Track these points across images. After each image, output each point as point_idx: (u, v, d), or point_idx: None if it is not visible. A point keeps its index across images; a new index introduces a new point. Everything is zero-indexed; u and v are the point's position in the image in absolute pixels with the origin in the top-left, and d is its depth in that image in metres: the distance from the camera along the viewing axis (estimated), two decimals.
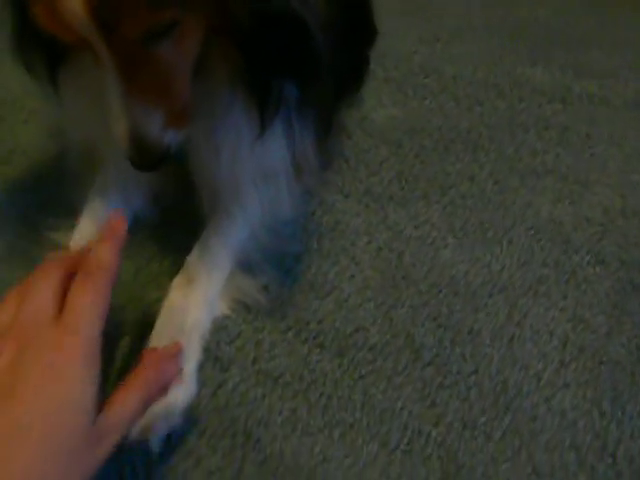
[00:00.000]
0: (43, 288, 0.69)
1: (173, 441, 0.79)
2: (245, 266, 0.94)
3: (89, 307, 0.68)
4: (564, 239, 1.04)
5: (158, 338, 0.84)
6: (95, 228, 0.94)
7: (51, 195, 1.04)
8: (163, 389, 0.77)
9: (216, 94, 0.83)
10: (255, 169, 0.91)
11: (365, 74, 1.18)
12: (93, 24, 0.63)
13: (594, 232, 1.05)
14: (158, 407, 0.77)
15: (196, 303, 0.88)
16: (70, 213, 0.98)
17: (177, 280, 0.90)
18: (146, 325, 0.87)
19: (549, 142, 1.17)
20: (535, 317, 0.95)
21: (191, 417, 0.81)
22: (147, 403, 0.74)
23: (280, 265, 0.97)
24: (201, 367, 0.86)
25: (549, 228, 1.05)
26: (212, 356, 0.88)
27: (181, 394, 0.81)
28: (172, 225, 1.00)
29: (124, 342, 0.87)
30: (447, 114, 1.21)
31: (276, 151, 0.89)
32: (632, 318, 0.94)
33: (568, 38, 1.41)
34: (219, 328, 0.91)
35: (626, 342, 0.93)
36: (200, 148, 0.88)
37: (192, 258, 0.92)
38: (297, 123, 0.87)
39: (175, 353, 0.82)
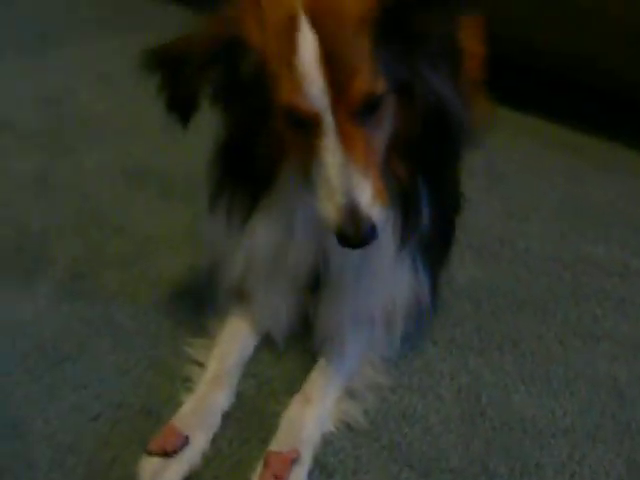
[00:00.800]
0: None
1: None
2: (350, 393, 1.15)
3: None
4: (619, 393, 1.21)
5: (278, 444, 1.05)
6: (234, 353, 1.18)
7: (190, 317, 1.29)
8: None
9: None
10: (377, 300, 1.13)
11: (453, 239, 1.42)
12: (327, 89, 0.86)
13: None
14: None
15: (312, 418, 1.09)
16: (205, 334, 1.23)
17: (297, 397, 1.12)
18: (267, 432, 1.08)
19: (608, 310, 1.37)
20: (593, 459, 1.11)
21: None
22: None
23: (378, 395, 1.17)
24: (310, 473, 1.06)
25: (606, 383, 1.23)
26: (319, 464, 1.08)
27: None
28: (292, 350, 1.22)
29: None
30: (520, 279, 1.42)
31: (402, 284, 1.11)
32: None
33: (629, 219, 1.62)
34: (326, 442, 1.10)
35: None
36: (335, 275, 1.10)
37: (310, 382, 1.14)
38: (420, 266, 1.11)
39: (294, 458, 1.02)
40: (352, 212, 0.87)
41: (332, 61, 0.86)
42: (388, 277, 1.10)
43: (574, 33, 1.69)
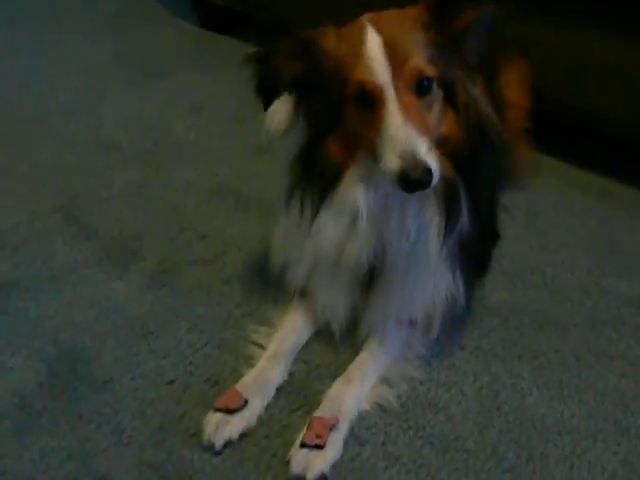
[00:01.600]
0: None
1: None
2: (386, 381, 1.36)
3: None
4: (625, 404, 1.37)
5: (321, 412, 1.27)
6: (290, 339, 1.41)
7: (255, 309, 1.54)
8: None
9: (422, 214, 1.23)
10: (418, 301, 1.33)
11: (488, 266, 1.62)
12: (388, 67, 1.10)
13: None
14: (317, 457, 1.19)
15: (351, 396, 1.30)
16: (267, 324, 1.47)
17: (340, 379, 1.33)
18: (313, 406, 1.30)
19: (623, 335, 1.53)
20: (592, 455, 1.28)
21: (332, 470, 1.21)
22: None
23: (409, 385, 1.37)
24: (345, 441, 1.26)
25: (613, 395, 1.39)
26: (354, 435, 1.28)
27: (331, 452, 1.22)
28: (340, 342, 1.44)
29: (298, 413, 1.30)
30: (545, 303, 1.59)
31: (440, 287, 1.31)
32: None
33: None
34: (362, 418, 1.31)
35: None
36: (384, 275, 1.31)
37: (352, 368, 1.35)
38: (457, 270, 1.30)
39: (333, 424, 1.23)
40: (412, 156, 1.06)
41: (391, 49, 1.12)
42: (431, 276, 1.30)
43: (610, 95, 1.88)
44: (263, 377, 1.34)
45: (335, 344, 1.44)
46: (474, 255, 1.37)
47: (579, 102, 1.95)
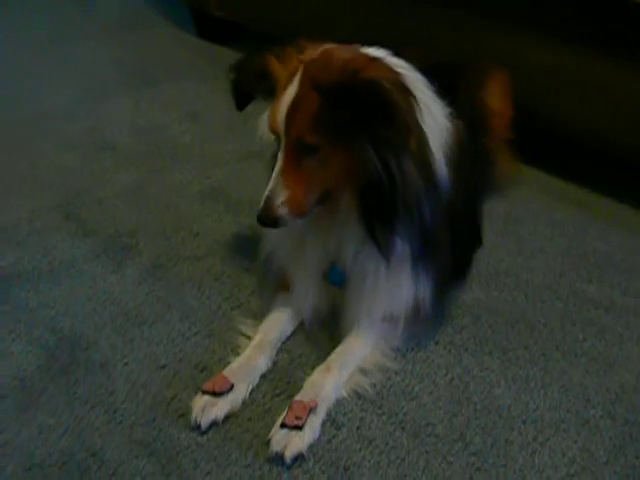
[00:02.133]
0: None
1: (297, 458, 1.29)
2: (362, 370, 1.46)
3: None
4: (586, 398, 1.47)
5: (301, 396, 1.36)
6: (275, 330, 1.50)
7: (243, 302, 1.64)
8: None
9: (350, 231, 1.36)
10: (385, 301, 1.44)
11: (469, 270, 1.72)
12: (285, 126, 1.24)
13: (609, 398, 1.47)
14: (295, 437, 1.28)
15: (329, 383, 1.40)
16: (254, 316, 1.57)
17: (320, 367, 1.43)
18: (294, 391, 1.39)
19: (589, 335, 1.62)
20: (554, 442, 1.37)
21: (309, 450, 1.31)
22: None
23: (385, 375, 1.47)
24: (323, 424, 1.36)
25: (576, 389, 1.48)
26: (331, 419, 1.38)
27: (309, 433, 1.32)
28: (321, 335, 1.53)
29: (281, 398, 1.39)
30: (517, 303, 1.69)
31: (402, 290, 1.42)
32: (626, 457, 1.34)
33: (624, 266, 1.82)
34: (339, 404, 1.41)
35: (619, 471, 1.32)
36: (353, 277, 1.43)
37: (332, 357, 1.45)
38: (422, 276, 1.41)
39: (312, 407, 1.33)
40: (266, 203, 1.28)
41: (294, 107, 1.24)
42: (387, 283, 1.42)
43: (588, 109, 1.98)
44: (248, 364, 1.43)
45: (316, 337, 1.53)
46: (445, 260, 1.47)
47: (559, 115, 2.05)
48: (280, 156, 1.28)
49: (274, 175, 1.27)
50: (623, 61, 1.86)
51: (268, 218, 1.29)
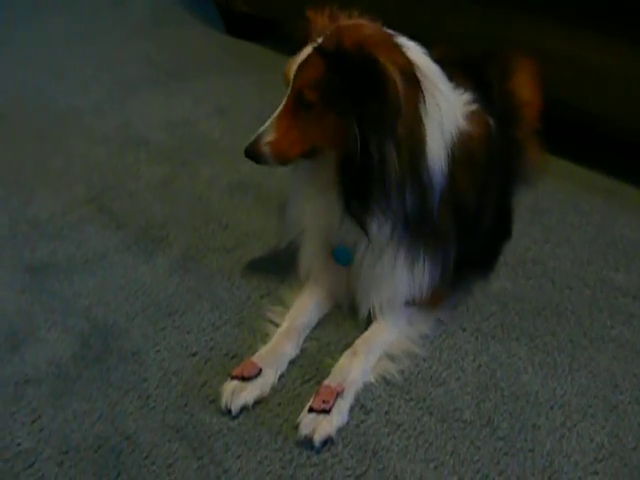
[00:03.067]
0: None
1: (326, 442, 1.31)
2: (390, 356, 1.47)
3: None
4: (614, 384, 1.47)
5: (329, 381, 1.39)
6: (302, 317, 1.53)
7: (272, 291, 1.67)
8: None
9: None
10: (387, 284, 1.47)
11: (495, 260, 1.73)
12: (293, 76, 1.31)
13: (637, 384, 1.47)
14: (323, 420, 1.30)
15: (356, 368, 1.42)
16: (282, 304, 1.59)
17: (347, 352, 1.45)
18: (323, 377, 1.41)
19: (617, 322, 1.62)
20: (582, 427, 1.38)
21: (338, 435, 1.33)
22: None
23: (413, 361, 1.48)
24: (351, 409, 1.38)
25: (604, 375, 1.49)
26: (360, 404, 1.40)
27: (337, 417, 1.34)
28: (349, 322, 1.56)
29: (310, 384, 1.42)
30: (544, 291, 1.70)
31: (400, 274, 1.45)
32: None
33: None
34: (367, 389, 1.42)
35: None
36: (358, 257, 1.46)
37: (358, 342, 1.47)
38: (418, 262, 1.43)
39: (339, 391, 1.35)
40: (255, 139, 1.36)
41: (305, 64, 1.31)
42: (387, 266, 1.44)
43: (613, 98, 1.97)
44: (276, 350, 1.46)
45: (345, 324, 1.56)
46: (447, 249, 1.48)
47: (587, 106, 2.03)
48: (282, 103, 1.35)
49: (272, 117, 1.35)
50: None
51: (252, 152, 1.36)
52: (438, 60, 1.42)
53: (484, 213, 1.56)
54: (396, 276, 1.45)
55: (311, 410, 1.32)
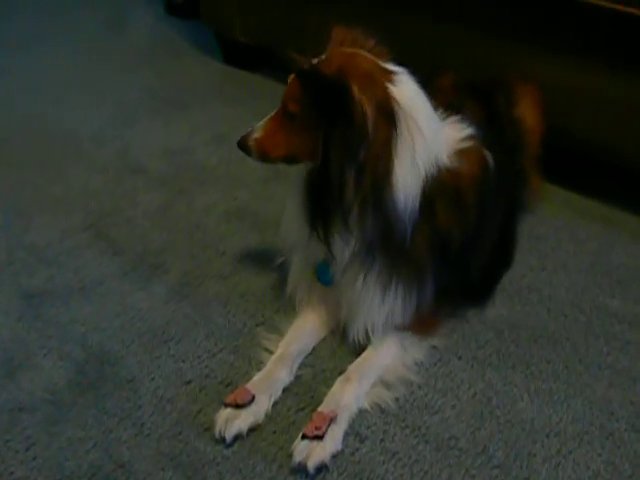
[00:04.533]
0: None
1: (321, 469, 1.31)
2: (385, 383, 1.47)
3: None
4: (610, 411, 1.47)
5: (323, 408, 1.39)
6: (296, 343, 1.54)
7: (267, 319, 1.67)
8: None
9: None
10: (364, 307, 1.49)
11: (493, 290, 1.74)
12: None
13: (634, 411, 1.47)
14: (317, 447, 1.30)
15: (349, 393, 1.42)
16: (277, 332, 1.60)
17: (339, 379, 1.45)
18: (318, 405, 1.41)
19: (613, 349, 1.62)
20: (578, 455, 1.38)
21: (332, 462, 1.33)
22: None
23: (408, 389, 1.48)
24: (346, 435, 1.37)
25: (600, 403, 1.49)
26: (355, 431, 1.39)
27: (331, 443, 1.34)
28: (339, 345, 1.57)
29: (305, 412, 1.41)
30: (540, 318, 1.70)
31: (373, 302, 1.47)
32: None
33: None
34: (362, 417, 1.42)
35: None
36: (340, 278, 1.49)
37: (351, 367, 1.47)
38: (389, 290, 1.45)
39: (332, 417, 1.35)
40: (247, 132, 1.48)
41: (292, 81, 1.40)
42: (363, 290, 1.47)
43: (609, 125, 1.99)
44: (270, 377, 1.46)
45: (339, 351, 1.56)
46: (425, 279, 1.49)
47: (585, 133, 2.04)
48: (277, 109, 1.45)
49: (265, 118, 1.46)
50: None
51: (241, 143, 1.49)
52: (451, 86, 1.52)
53: (477, 248, 1.58)
54: (368, 300, 1.47)
55: (304, 437, 1.32)
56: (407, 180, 1.35)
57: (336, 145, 1.30)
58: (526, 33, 2.02)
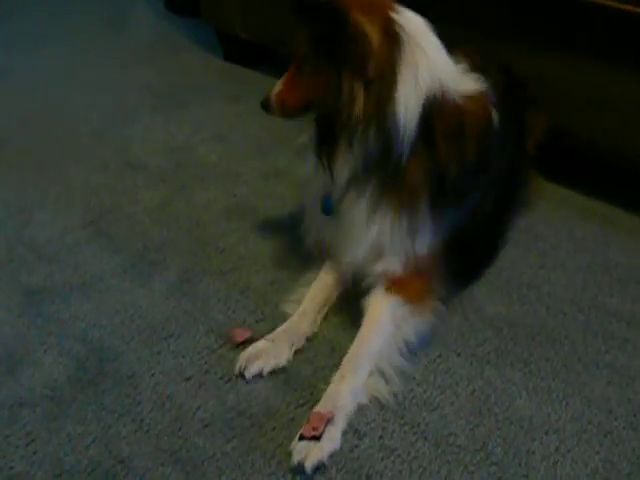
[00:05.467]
0: None
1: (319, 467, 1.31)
2: (381, 374, 1.48)
3: None
4: (608, 409, 1.47)
5: (319, 407, 1.39)
6: (318, 296, 1.62)
7: (269, 315, 1.67)
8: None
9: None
10: (359, 237, 1.54)
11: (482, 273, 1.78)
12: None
13: (632, 409, 1.47)
14: (314, 447, 1.30)
15: (345, 391, 1.42)
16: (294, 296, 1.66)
17: (334, 377, 1.45)
18: (316, 401, 1.42)
19: (612, 347, 1.62)
20: (576, 453, 1.38)
21: (331, 459, 1.33)
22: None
23: (404, 381, 1.49)
24: (344, 433, 1.38)
25: (599, 401, 1.49)
26: (353, 428, 1.40)
27: (328, 443, 1.34)
28: (339, 341, 1.56)
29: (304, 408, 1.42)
30: (538, 316, 1.71)
31: (364, 222, 1.51)
32: None
33: None
34: (361, 414, 1.43)
35: None
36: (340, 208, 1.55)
37: (345, 362, 1.47)
38: (380, 210, 1.48)
39: (329, 417, 1.35)
40: (271, 91, 1.56)
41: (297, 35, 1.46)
42: (354, 217, 1.53)
43: (608, 124, 1.99)
44: (292, 328, 1.57)
45: (340, 347, 1.56)
46: (419, 206, 1.50)
47: (584, 132, 2.04)
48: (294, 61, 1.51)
49: (284, 75, 1.54)
50: None
51: (265, 101, 1.57)
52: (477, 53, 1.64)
53: (476, 192, 1.60)
54: (358, 221, 1.51)
55: (302, 437, 1.32)
56: (409, 97, 1.39)
57: (345, 65, 1.36)
58: (526, 33, 2.03)
